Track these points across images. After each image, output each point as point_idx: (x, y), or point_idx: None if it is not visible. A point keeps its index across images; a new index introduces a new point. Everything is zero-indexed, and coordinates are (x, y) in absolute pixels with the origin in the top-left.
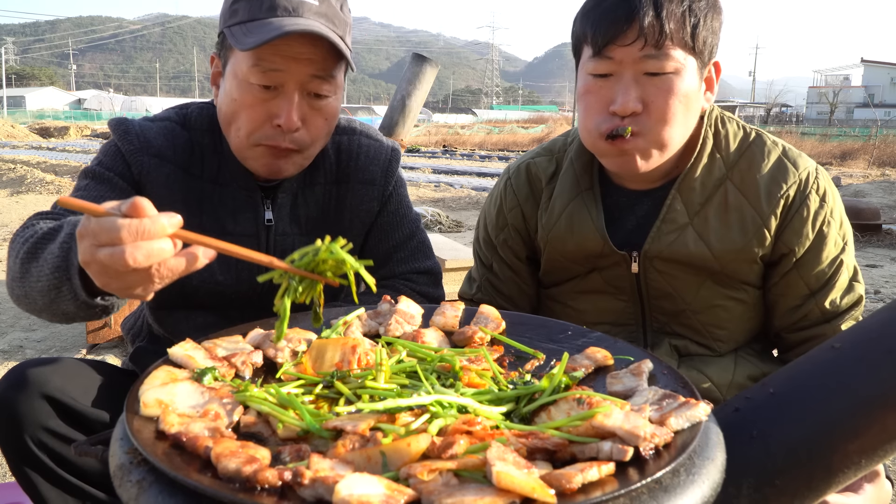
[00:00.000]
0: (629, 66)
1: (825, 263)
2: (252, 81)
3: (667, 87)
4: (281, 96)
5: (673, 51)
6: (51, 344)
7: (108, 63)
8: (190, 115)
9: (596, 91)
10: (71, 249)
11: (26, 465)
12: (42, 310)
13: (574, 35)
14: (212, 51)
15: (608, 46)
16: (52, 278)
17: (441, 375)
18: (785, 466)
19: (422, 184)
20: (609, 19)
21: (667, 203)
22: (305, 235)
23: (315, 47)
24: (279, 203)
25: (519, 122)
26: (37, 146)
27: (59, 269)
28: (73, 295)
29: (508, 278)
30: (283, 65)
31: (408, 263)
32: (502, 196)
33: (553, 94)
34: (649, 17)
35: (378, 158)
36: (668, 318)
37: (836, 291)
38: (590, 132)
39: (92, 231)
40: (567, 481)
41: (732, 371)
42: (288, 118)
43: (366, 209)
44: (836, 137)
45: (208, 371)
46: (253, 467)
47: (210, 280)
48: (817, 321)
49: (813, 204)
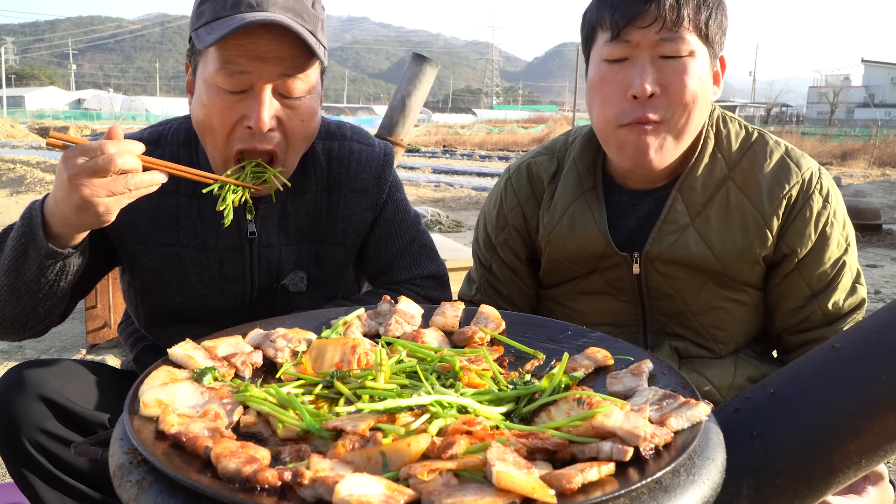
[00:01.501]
0: (646, 49)
1: (827, 265)
2: (220, 85)
3: (682, 68)
4: (251, 97)
5: (688, 35)
6: (50, 344)
7: (108, 63)
8: (166, 131)
9: (611, 78)
10: (30, 219)
11: (24, 467)
12: (7, 289)
13: (587, 23)
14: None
15: (627, 28)
16: (17, 246)
17: (441, 375)
18: (785, 466)
19: (422, 184)
20: (628, 1)
21: (668, 203)
22: (293, 245)
23: (282, 44)
24: (261, 214)
25: (519, 122)
26: (36, 146)
27: (22, 236)
28: (38, 251)
29: (508, 279)
30: (250, 65)
31: (411, 269)
32: (503, 196)
33: (553, 94)
34: (671, 2)
35: (370, 165)
36: (668, 319)
37: (838, 293)
38: (609, 122)
39: (80, 149)
40: (567, 481)
41: (733, 373)
42: (258, 119)
43: (359, 219)
44: (837, 137)
45: (208, 371)
46: (253, 467)
47: (193, 294)
48: (819, 323)
49: (816, 204)
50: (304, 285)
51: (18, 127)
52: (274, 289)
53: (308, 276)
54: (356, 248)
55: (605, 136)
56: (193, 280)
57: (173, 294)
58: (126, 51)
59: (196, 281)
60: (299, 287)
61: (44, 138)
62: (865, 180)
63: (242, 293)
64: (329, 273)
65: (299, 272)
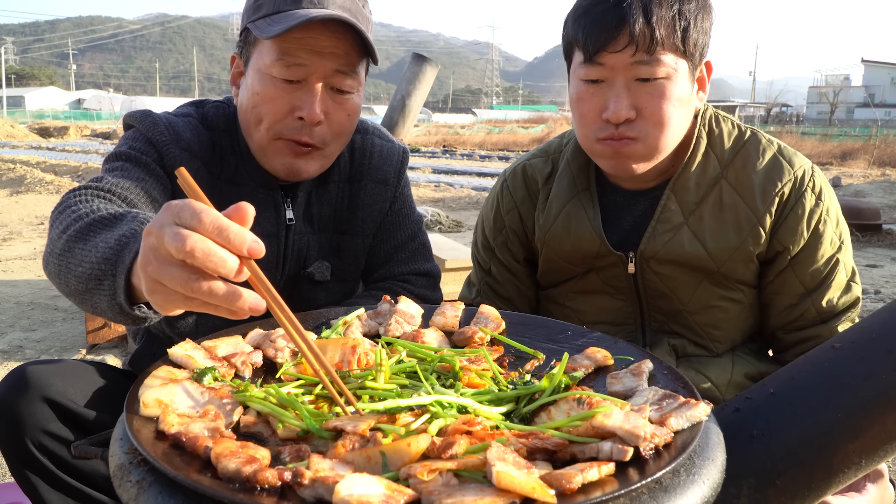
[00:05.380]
0: (621, 72)
1: (821, 262)
2: (275, 75)
3: (659, 92)
4: (304, 89)
5: (664, 56)
6: (50, 344)
7: (108, 63)
8: (208, 113)
9: (588, 98)
10: (127, 246)
11: (26, 468)
12: (72, 294)
13: (565, 38)
14: (211, 50)
15: (599, 53)
16: (96, 268)
17: (441, 375)
18: (785, 466)
19: (422, 184)
20: (600, 26)
21: (661, 203)
22: (317, 234)
23: (339, 41)
24: (299, 202)
25: (519, 122)
26: (36, 146)
27: (107, 262)
28: (112, 293)
29: (507, 280)
30: (307, 59)
31: (407, 265)
32: (499, 198)
33: (553, 94)
34: (640, 24)
35: (391, 159)
36: (665, 317)
37: (832, 291)
38: (588, 137)
39: (178, 206)
40: (567, 481)
41: (730, 371)
42: (311, 110)
43: (378, 209)
44: (837, 137)
45: (208, 371)
46: (253, 467)
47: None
48: (813, 321)
49: (808, 202)
50: (329, 274)
51: (18, 127)
52: (300, 276)
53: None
54: (371, 239)
55: (587, 148)
56: None
57: None
58: (126, 51)
59: None
60: (325, 276)
61: (44, 138)
62: (865, 180)
63: (271, 281)
64: (347, 263)
65: (324, 262)
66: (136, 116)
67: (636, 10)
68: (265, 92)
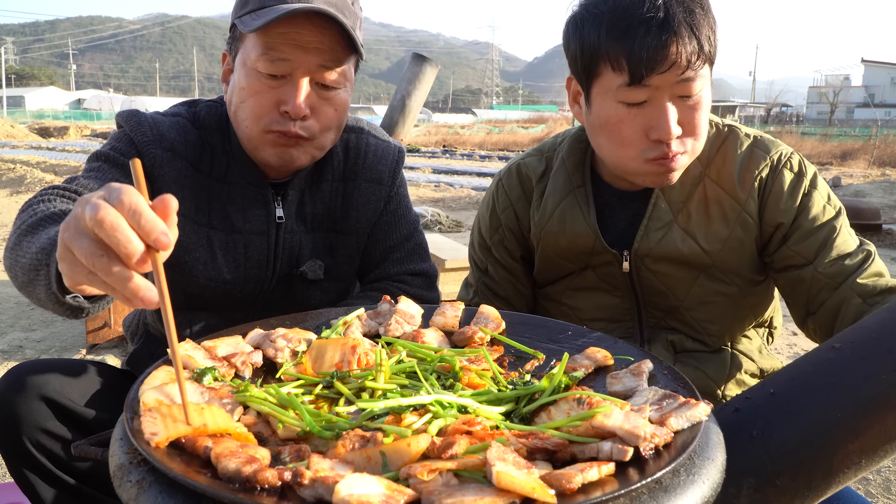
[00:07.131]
0: (665, 90)
1: (819, 227)
2: (260, 69)
3: (695, 103)
4: (289, 84)
5: (702, 69)
6: (50, 344)
7: (108, 63)
8: (199, 112)
9: (631, 120)
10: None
11: (25, 467)
12: (21, 286)
13: (588, 50)
14: (211, 50)
15: (650, 76)
16: (34, 258)
17: (441, 375)
18: (785, 466)
19: (422, 184)
20: (651, 48)
21: (651, 202)
22: (310, 233)
23: (324, 36)
24: (289, 200)
25: (519, 122)
26: (36, 146)
27: (44, 251)
28: (47, 283)
29: (504, 279)
30: (291, 53)
31: (403, 265)
32: (494, 198)
33: (553, 94)
34: (690, 44)
35: (386, 158)
36: (663, 313)
37: (836, 251)
38: (633, 159)
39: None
40: (567, 481)
41: (728, 366)
42: (295, 105)
43: (372, 208)
44: (837, 137)
45: (208, 371)
46: (253, 467)
47: (217, 279)
48: (827, 287)
49: (787, 178)
50: (322, 273)
51: (18, 127)
52: (292, 276)
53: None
54: (365, 238)
55: (632, 169)
56: (220, 262)
57: (198, 274)
58: (126, 51)
59: (221, 263)
60: (318, 274)
61: (44, 138)
62: (865, 180)
63: (263, 280)
64: (341, 263)
65: (317, 261)
66: (124, 116)
67: (683, 28)
68: (251, 87)
